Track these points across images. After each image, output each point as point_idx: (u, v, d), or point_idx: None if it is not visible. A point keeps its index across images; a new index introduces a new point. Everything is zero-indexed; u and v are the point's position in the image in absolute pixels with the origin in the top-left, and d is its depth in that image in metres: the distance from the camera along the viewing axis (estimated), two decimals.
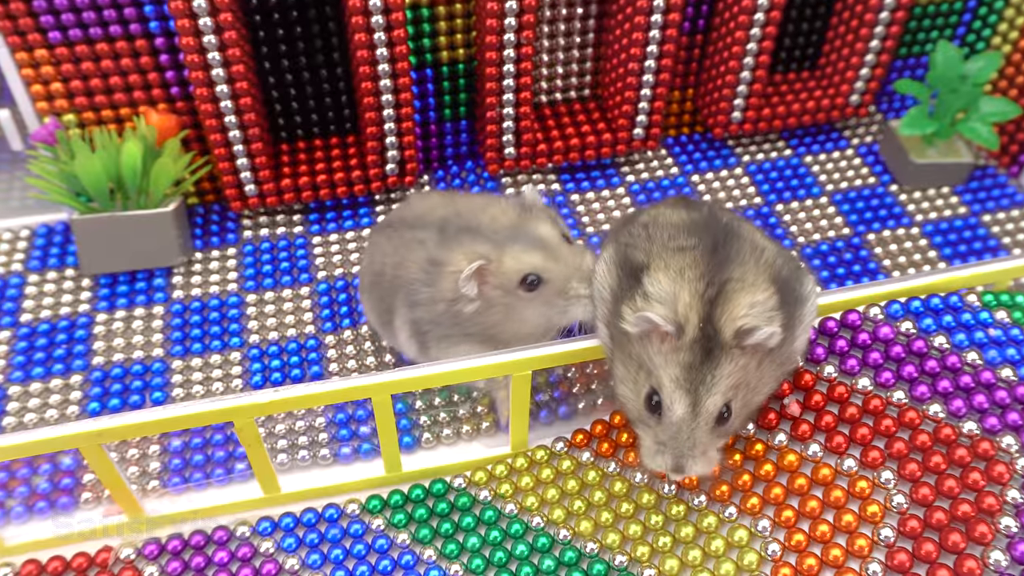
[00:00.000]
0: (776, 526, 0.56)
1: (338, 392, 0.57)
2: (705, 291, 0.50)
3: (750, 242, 0.54)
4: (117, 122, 0.78)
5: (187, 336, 0.75)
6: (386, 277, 0.66)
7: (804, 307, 0.54)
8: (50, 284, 0.79)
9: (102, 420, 0.55)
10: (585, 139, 0.87)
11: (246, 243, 0.84)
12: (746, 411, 0.52)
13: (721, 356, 0.50)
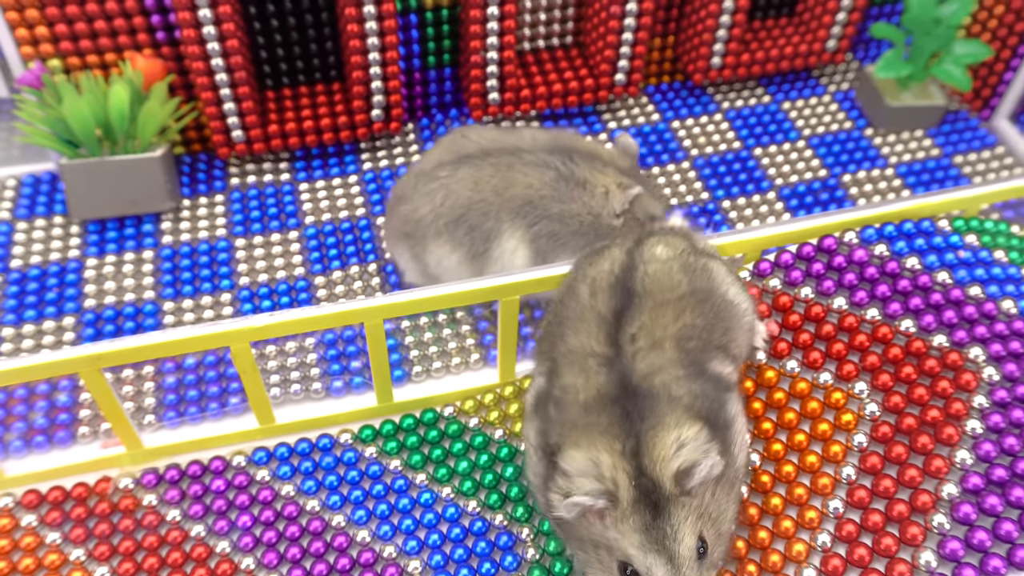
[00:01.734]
0: (756, 437, 0.59)
1: (332, 316, 0.60)
2: (624, 447, 0.48)
3: (665, 397, 0.50)
4: (103, 68, 0.80)
5: (177, 280, 0.78)
6: (485, 203, 0.70)
7: (734, 427, 0.53)
8: (39, 231, 0.82)
9: (102, 344, 0.57)
10: (568, 85, 0.89)
11: (233, 190, 0.86)
12: (722, 539, 0.51)
13: (669, 506, 0.47)
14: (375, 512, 0.63)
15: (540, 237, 0.70)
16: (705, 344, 0.54)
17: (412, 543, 0.61)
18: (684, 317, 0.53)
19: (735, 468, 0.52)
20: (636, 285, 0.54)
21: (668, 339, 0.52)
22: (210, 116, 0.81)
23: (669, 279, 0.54)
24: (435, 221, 0.71)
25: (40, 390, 0.70)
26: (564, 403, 0.52)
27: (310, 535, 0.62)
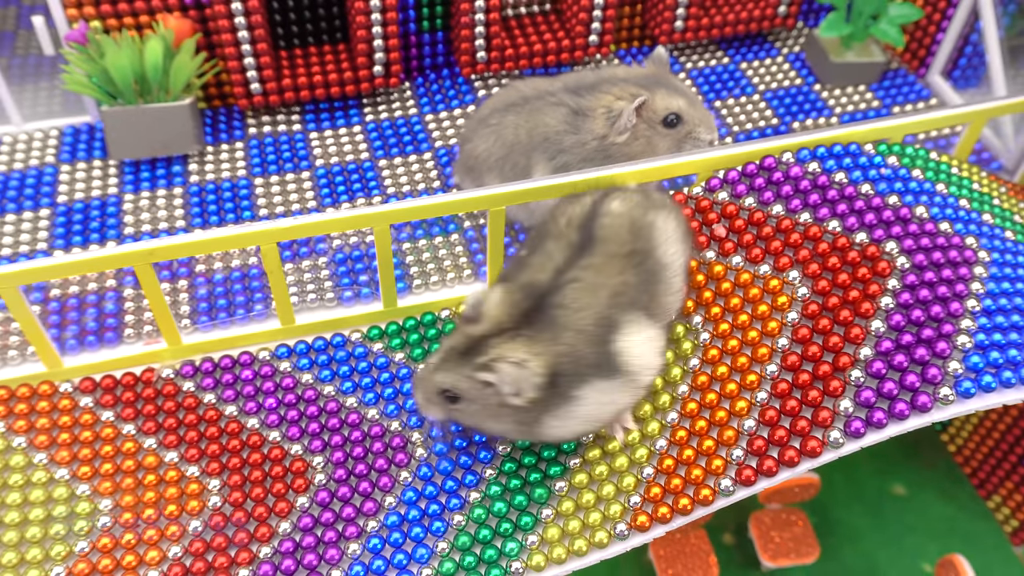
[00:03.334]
0: (706, 320, 0.69)
1: (347, 220, 0.69)
2: (504, 323, 0.61)
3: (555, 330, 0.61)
4: (136, 28, 0.89)
5: (205, 212, 0.87)
6: (520, 144, 0.80)
7: (566, 406, 0.61)
8: (81, 172, 0.91)
9: (153, 242, 0.67)
10: (547, 46, 0.99)
11: (251, 138, 0.95)
12: (481, 424, 0.63)
13: (467, 361, 0.60)
14: (382, 395, 0.72)
15: (558, 168, 0.79)
16: (631, 304, 0.63)
17: (414, 419, 0.71)
18: (625, 274, 0.64)
19: (539, 422, 0.62)
20: (595, 232, 0.65)
21: (606, 287, 0.63)
22: (232, 70, 0.90)
23: (618, 235, 0.65)
24: (488, 159, 0.82)
25: (90, 299, 0.79)
26: (520, 268, 0.65)
27: (327, 414, 0.71)
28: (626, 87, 0.79)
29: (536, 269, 0.64)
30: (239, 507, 0.66)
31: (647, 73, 0.81)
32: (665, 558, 0.90)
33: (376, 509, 0.65)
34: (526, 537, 0.63)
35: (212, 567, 0.63)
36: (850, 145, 0.76)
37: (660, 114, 0.78)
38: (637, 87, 0.78)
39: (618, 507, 0.62)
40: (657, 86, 0.79)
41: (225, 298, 0.79)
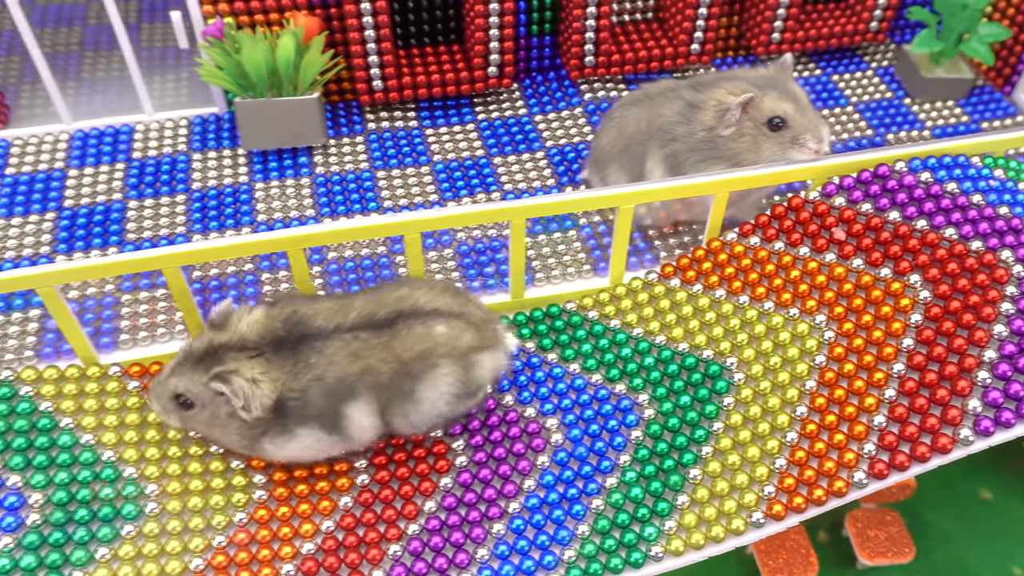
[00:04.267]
0: (829, 319, 0.70)
1: (488, 213, 0.71)
2: (251, 342, 0.62)
3: (300, 365, 0.62)
4: (267, 25, 0.91)
5: (331, 201, 0.88)
6: (640, 134, 0.82)
7: (285, 437, 0.64)
8: (212, 160, 0.93)
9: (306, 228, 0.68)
10: (651, 52, 1.00)
11: (370, 132, 0.97)
12: (209, 432, 0.64)
13: (199, 368, 0.61)
14: (515, 382, 0.74)
15: (668, 157, 0.80)
16: (372, 390, 0.64)
17: (548, 406, 0.72)
18: (384, 366, 0.64)
19: (258, 442, 0.63)
20: (399, 326, 0.65)
21: (361, 361, 0.63)
22: (356, 67, 0.92)
23: (412, 345, 0.65)
24: (610, 150, 0.84)
25: (229, 281, 0.81)
26: (305, 302, 0.66)
27: None
28: (740, 85, 0.80)
29: (320, 312, 0.65)
30: (385, 485, 0.67)
31: (766, 75, 0.81)
32: (766, 552, 0.92)
33: (516, 492, 0.67)
34: (663, 522, 0.64)
35: (363, 541, 0.64)
36: (958, 157, 0.77)
37: (766, 115, 0.79)
38: (750, 86, 0.80)
39: (752, 496, 0.64)
40: (770, 88, 0.80)
41: (358, 284, 0.81)
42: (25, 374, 0.70)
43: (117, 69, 1.05)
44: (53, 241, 0.83)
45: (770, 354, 0.69)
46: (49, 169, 0.91)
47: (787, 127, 0.79)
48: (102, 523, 0.63)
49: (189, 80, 1.03)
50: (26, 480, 0.64)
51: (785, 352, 0.69)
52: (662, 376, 0.72)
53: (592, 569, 0.63)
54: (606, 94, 1.02)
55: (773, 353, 0.69)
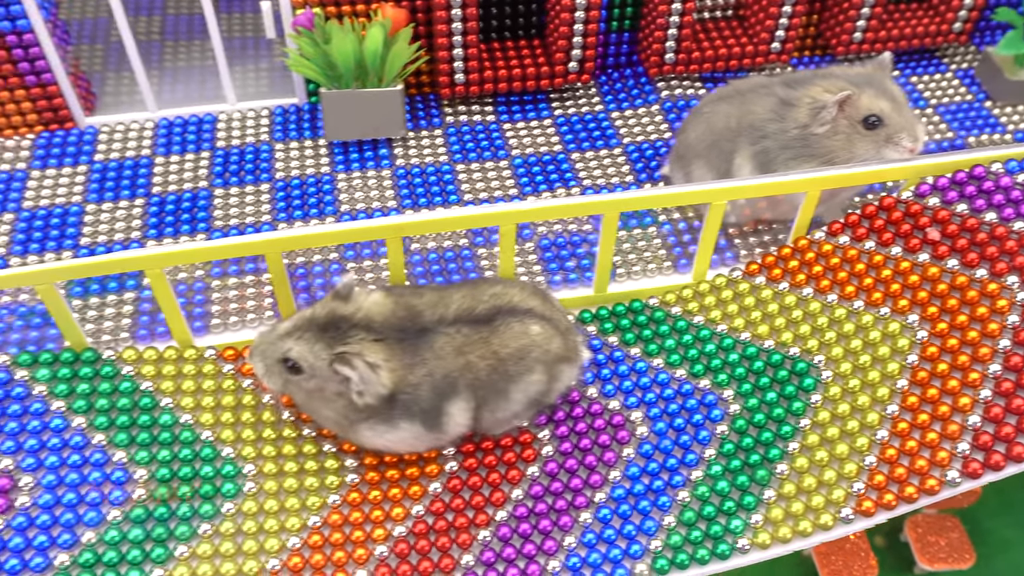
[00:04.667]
0: (922, 319, 0.71)
1: (580, 206, 0.73)
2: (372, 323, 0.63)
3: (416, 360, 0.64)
4: (353, 16, 0.94)
5: (412, 193, 0.91)
6: (729, 130, 0.84)
7: (385, 427, 0.65)
8: (294, 151, 0.95)
9: (403, 217, 0.71)
10: (731, 51, 1.02)
11: (449, 126, 0.99)
12: (308, 402, 0.66)
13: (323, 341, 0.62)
14: (599, 375, 0.76)
15: (758, 154, 0.82)
16: (470, 387, 0.66)
17: (632, 399, 0.74)
18: (483, 362, 0.66)
19: (357, 425, 0.65)
20: (498, 322, 0.67)
21: (464, 357, 0.65)
22: (440, 60, 0.95)
23: (509, 342, 0.67)
24: (697, 145, 0.85)
25: (315, 270, 0.84)
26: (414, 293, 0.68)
27: None
28: (836, 82, 0.81)
29: (427, 304, 0.66)
30: (473, 472, 0.69)
31: (863, 73, 0.83)
32: (825, 554, 0.93)
33: (602, 482, 0.69)
34: (750, 516, 0.66)
35: (453, 526, 0.67)
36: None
37: (862, 113, 0.80)
38: (847, 84, 0.81)
39: (841, 492, 0.65)
40: (867, 86, 0.81)
41: (441, 276, 0.83)
42: (126, 354, 0.73)
43: (198, 58, 1.08)
44: (143, 227, 0.87)
45: (859, 352, 0.71)
46: (136, 156, 0.95)
47: (883, 125, 0.80)
48: (203, 500, 0.66)
49: (269, 71, 1.06)
50: (131, 456, 0.67)
51: (875, 351, 0.70)
52: (747, 372, 0.74)
53: (679, 559, 0.65)
54: (683, 92, 1.04)
55: (863, 352, 0.70)
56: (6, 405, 0.68)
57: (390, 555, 0.65)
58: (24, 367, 0.71)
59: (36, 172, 0.92)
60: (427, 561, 0.64)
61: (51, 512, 0.63)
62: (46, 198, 0.89)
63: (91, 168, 0.93)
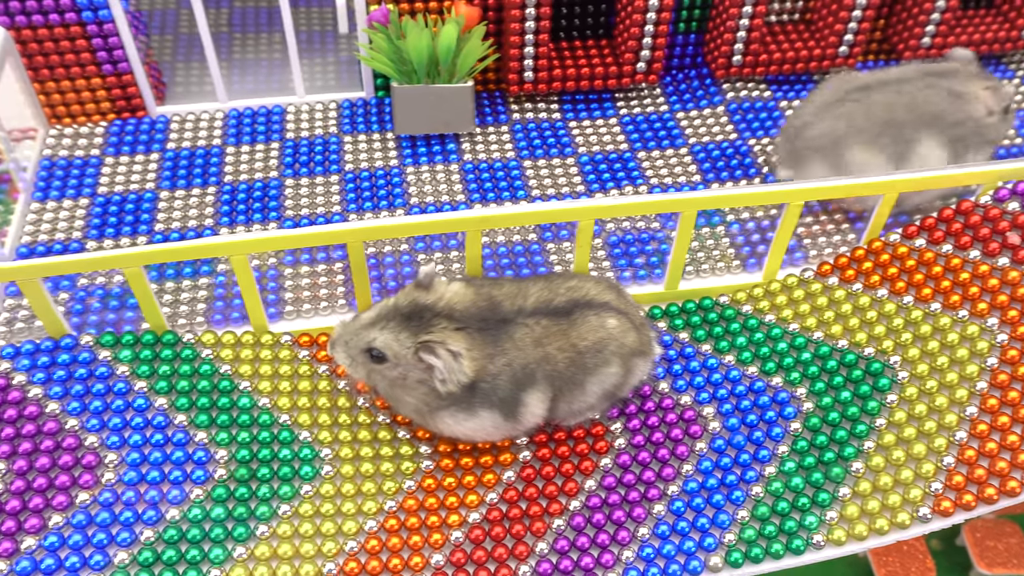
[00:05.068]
0: (1003, 323, 0.72)
1: (658, 203, 0.74)
2: (455, 313, 0.64)
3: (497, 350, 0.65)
4: (427, 13, 0.96)
5: (480, 188, 0.93)
6: (901, 119, 0.87)
7: (466, 415, 0.67)
8: (362, 143, 0.98)
9: (486, 209, 0.73)
10: (798, 53, 1.03)
11: (515, 123, 1.01)
12: (390, 389, 0.67)
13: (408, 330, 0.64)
14: (670, 370, 0.77)
15: (952, 142, 0.87)
16: (548, 378, 0.68)
17: (704, 395, 0.75)
18: (561, 354, 0.68)
19: (437, 412, 0.67)
20: (576, 315, 0.69)
21: (543, 348, 0.67)
22: (511, 58, 0.97)
23: (588, 334, 0.69)
24: (858, 134, 0.88)
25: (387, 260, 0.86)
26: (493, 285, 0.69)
27: None
28: (985, 76, 0.89)
29: (506, 296, 0.68)
30: (546, 462, 0.71)
31: (961, 66, 0.90)
32: (882, 555, 0.94)
33: (675, 475, 0.70)
34: (825, 512, 0.67)
35: (527, 514, 0.68)
36: None
37: (1005, 101, 0.88)
38: (985, 77, 0.89)
39: (919, 491, 0.66)
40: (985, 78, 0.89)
41: (511, 270, 0.85)
42: (205, 337, 0.75)
43: (265, 51, 1.11)
44: (215, 214, 0.89)
45: (937, 354, 0.71)
46: (207, 145, 0.97)
47: (1009, 112, 0.89)
48: (282, 481, 0.68)
49: (336, 65, 1.09)
50: (211, 437, 0.69)
51: (953, 353, 0.71)
52: (820, 371, 0.75)
53: (753, 553, 0.66)
54: (748, 94, 1.05)
55: (940, 353, 0.71)
56: (90, 384, 0.71)
57: (465, 540, 0.66)
58: (107, 347, 0.73)
59: (110, 159, 0.95)
60: (502, 547, 0.66)
61: (136, 489, 0.66)
62: (120, 184, 0.92)
63: (163, 156, 0.96)
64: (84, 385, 0.70)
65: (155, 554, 0.63)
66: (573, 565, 0.66)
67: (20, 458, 0.66)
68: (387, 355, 0.65)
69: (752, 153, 0.97)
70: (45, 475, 0.65)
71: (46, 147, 0.96)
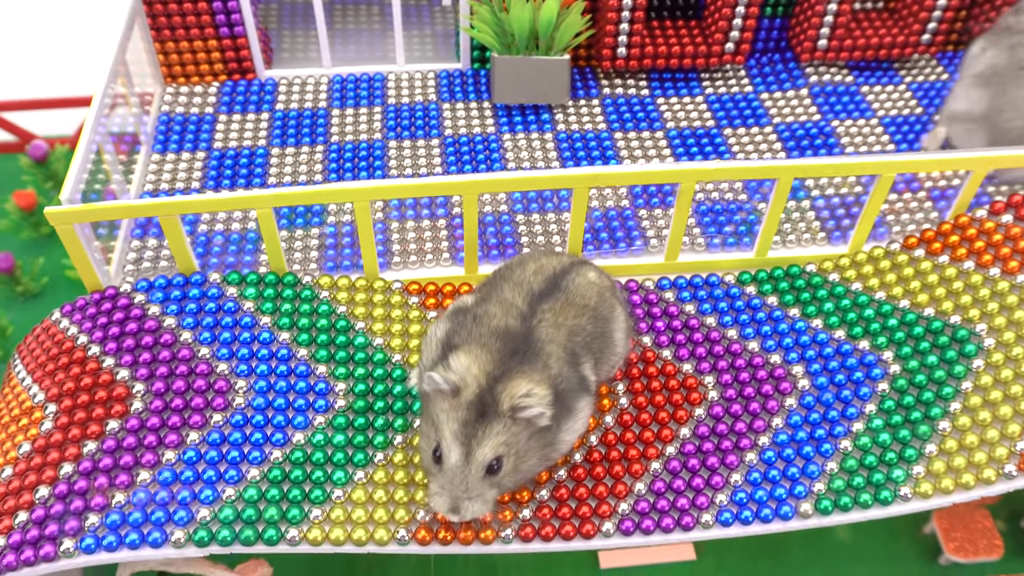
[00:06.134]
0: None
1: (760, 169, 0.78)
2: (492, 371, 0.61)
3: (542, 360, 0.63)
4: None
5: (574, 156, 0.96)
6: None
7: (573, 416, 0.65)
8: (460, 111, 1.02)
9: (594, 168, 0.76)
10: (882, 40, 1.06)
11: (605, 97, 1.05)
12: (516, 474, 0.62)
13: (493, 419, 0.59)
14: (759, 331, 0.80)
15: None
16: (586, 346, 0.68)
17: (793, 355, 0.78)
18: (581, 320, 0.68)
19: (555, 441, 0.64)
20: (563, 284, 0.69)
21: (564, 326, 0.67)
22: (608, 34, 1.00)
23: (585, 293, 0.69)
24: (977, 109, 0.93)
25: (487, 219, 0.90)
26: (480, 322, 0.66)
27: (710, 342, 0.79)
28: None
29: (498, 316, 0.66)
30: (643, 409, 0.75)
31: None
32: (948, 531, 0.96)
33: (765, 427, 0.73)
34: (911, 467, 0.70)
35: (624, 457, 0.72)
36: None
37: None
38: None
39: (1004, 450, 0.69)
40: None
41: (606, 231, 0.89)
42: (322, 280, 0.79)
43: (365, 21, 1.15)
44: (324, 171, 0.93)
45: (1022, 323, 0.74)
46: (314, 107, 1.01)
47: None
48: (396, 415, 0.72)
49: (432, 37, 1.13)
50: (331, 371, 0.73)
51: None
52: (906, 337, 0.77)
53: (842, 502, 0.69)
54: (831, 78, 1.08)
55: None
56: (219, 318, 0.75)
57: (567, 478, 0.70)
58: (233, 285, 0.78)
59: (223, 116, 1.00)
60: (602, 486, 0.69)
61: (264, 413, 0.70)
62: (234, 140, 0.97)
63: (272, 116, 1.00)
64: (214, 318, 0.75)
65: (283, 473, 0.67)
66: (669, 505, 0.69)
67: (158, 380, 0.71)
68: (501, 453, 0.61)
69: (835, 134, 1.00)
70: (181, 396, 0.70)
71: (164, 104, 1.01)
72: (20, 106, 1.33)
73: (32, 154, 1.21)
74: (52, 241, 1.20)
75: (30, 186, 1.24)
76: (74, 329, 0.75)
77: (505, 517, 0.67)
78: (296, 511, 0.65)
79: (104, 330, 0.74)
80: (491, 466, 0.60)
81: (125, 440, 0.67)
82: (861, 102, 1.05)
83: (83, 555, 0.63)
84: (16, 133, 1.31)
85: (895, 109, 1.04)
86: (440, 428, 0.61)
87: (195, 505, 0.65)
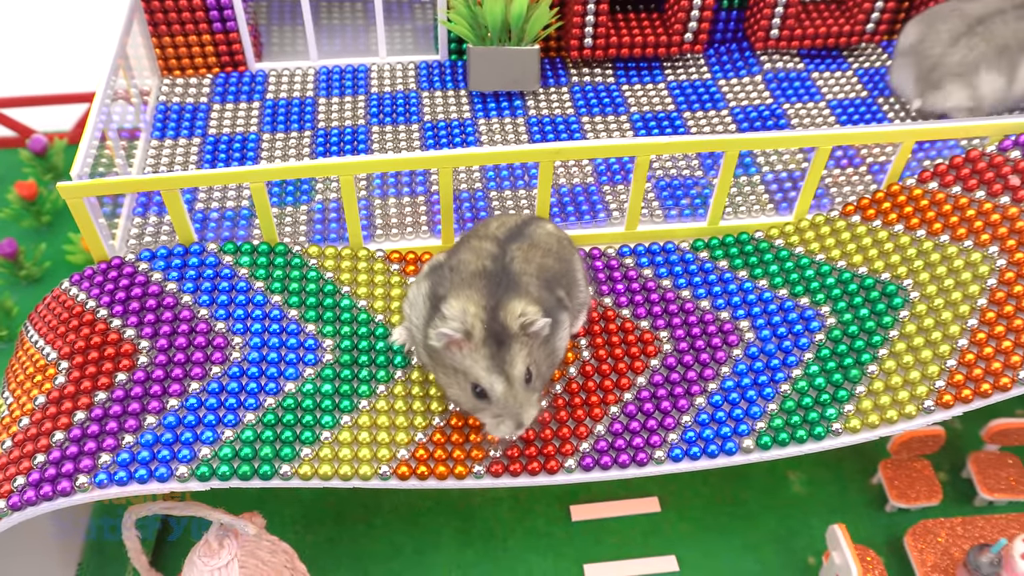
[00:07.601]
0: (1002, 251, 0.82)
1: (707, 143, 0.85)
2: (487, 305, 0.67)
3: (524, 287, 0.69)
4: None
5: (544, 139, 1.04)
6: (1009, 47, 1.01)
7: (560, 328, 0.72)
8: (439, 98, 1.09)
9: (559, 144, 0.84)
10: (830, 29, 1.13)
11: (573, 85, 1.13)
12: (539, 378, 0.69)
13: (512, 342, 0.66)
14: (711, 292, 0.88)
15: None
16: (555, 281, 0.75)
17: (740, 312, 0.86)
18: (548, 260, 0.75)
19: (555, 348, 0.71)
20: (526, 232, 0.76)
21: (534, 262, 0.74)
22: (573, 25, 1.08)
23: (546, 240, 0.77)
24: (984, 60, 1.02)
25: (463, 195, 0.98)
26: (457, 270, 0.71)
27: (665, 301, 0.87)
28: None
29: (473, 262, 0.71)
30: (603, 361, 0.82)
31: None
32: (891, 479, 1.04)
33: (714, 375, 0.81)
34: (843, 406, 0.78)
35: (587, 403, 0.79)
36: None
37: None
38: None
39: (924, 388, 0.76)
40: None
41: (572, 205, 0.96)
42: (311, 250, 0.87)
43: (349, 17, 1.23)
44: (311, 154, 1.01)
45: (944, 277, 0.82)
46: (302, 96, 1.09)
47: None
48: (378, 367, 0.79)
49: (413, 32, 1.20)
50: (319, 329, 0.81)
51: (958, 276, 0.81)
52: (842, 293, 0.85)
53: (780, 438, 0.76)
54: (783, 65, 1.16)
55: (947, 276, 0.82)
56: (217, 283, 0.83)
57: (534, 422, 0.77)
58: (229, 254, 0.85)
59: (217, 106, 1.07)
60: (566, 428, 0.77)
61: (258, 366, 0.78)
62: (227, 127, 1.04)
63: (263, 104, 1.08)
64: (212, 283, 0.82)
65: (276, 417, 0.74)
66: (626, 444, 0.77)
67: (162, 338, 0.78)
68: (528, 364, 0.67)
69: (787, 115, 1.08)
70: (183, 352, 0.78)
71: (161, 94, 1.09)
72: (19, 102, 1.41)
73: (32, 148, 1.29)
74: (53, 229, 1.27)
75: (31, 177, 1.31)
76: (83, 296, 0.83)
77: (477, 456, 0.75)
78: (288, 449, 0.73)
79: (111, 295, 0.82)
80: (526, 378, 0.67)
81: (133, 390, 0.75)
82: (811, 87, 1.13)
83: (97, 489, 0.70)
84: (16, 129, 1.38)
85: (842, 93, 1.12)
86: (471, 370, 0.66)
87: (197, 445, 0.72)
